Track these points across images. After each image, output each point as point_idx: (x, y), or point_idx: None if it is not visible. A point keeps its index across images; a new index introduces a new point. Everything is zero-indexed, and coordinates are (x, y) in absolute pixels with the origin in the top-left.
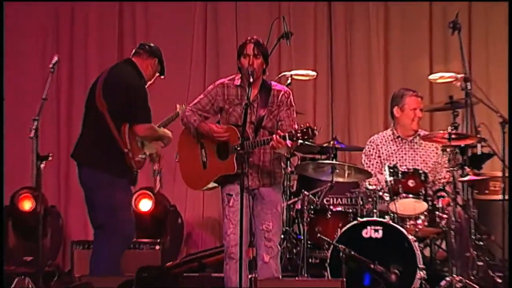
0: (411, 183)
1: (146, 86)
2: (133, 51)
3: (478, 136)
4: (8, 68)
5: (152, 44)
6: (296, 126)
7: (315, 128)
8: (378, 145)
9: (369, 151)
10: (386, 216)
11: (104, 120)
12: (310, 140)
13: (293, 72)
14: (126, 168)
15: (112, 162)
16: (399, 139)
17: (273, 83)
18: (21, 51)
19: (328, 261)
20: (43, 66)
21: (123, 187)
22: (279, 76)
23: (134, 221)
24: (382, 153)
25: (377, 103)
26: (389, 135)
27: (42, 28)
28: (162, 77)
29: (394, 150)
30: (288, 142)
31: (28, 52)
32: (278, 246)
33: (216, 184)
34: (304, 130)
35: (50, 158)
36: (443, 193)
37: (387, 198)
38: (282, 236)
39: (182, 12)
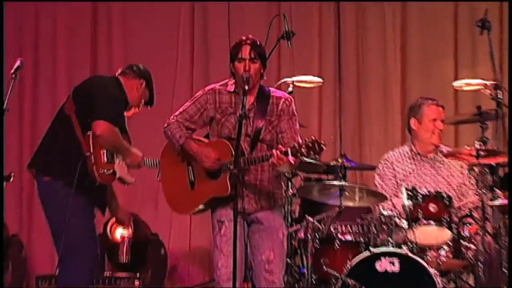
0: (432, 207)
1: (130, 113)
2: (119, 70)
3: None
4: None
5: (141, 66)
6: (300, 140)
7: (322, 142)
8: (393, 163)
9: (383, 170)
10: (404, 246)
11: (70, 122)
12: (316, 157)
13: (295, 78)
14: (86, 175)
15: (71, 166)
16: (418, 156)
17: (271, 89)
18: None
19: None
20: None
21: (84, 203)
22: (279, 82)
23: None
24: (399, 173)
25: (393, 114)
26: (407, 152)
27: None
28: (149, 107)
29: (412, 169)
30: (291, 159)
31: None
32: (282, 281)
33: (205, 207)
34: (310, 144)
35: (11, 179)
36: (470, 220)
37: (405, 225)
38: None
39: (164, 12)
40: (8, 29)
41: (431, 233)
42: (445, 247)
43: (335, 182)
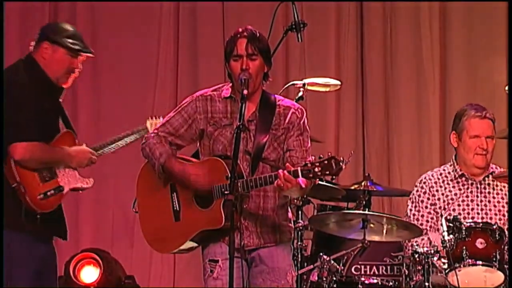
0: (480, 243)
1: (69, 82)
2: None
3: None
4: None
5: (49, 25)
6: (312, 158)
7: (341, 159)
8: (432, 187)
9: (419, 196)
10: None
11: None
12: (333, 179)
13: (306, 81)
14: (20, 210)
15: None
16: (463, 179)
17: (277, 96)
18: None
19: None
20: None
21: (27, 246)
22: (287, 86)
23: None
24: (439, 200)
25: (429, 126)
26: (449, 173)
27: None
28: (91, 55)
29: (455, 195)
30: (301, 181)
31: None
32: None
33: (194, 244)
34: (325, 162)
35: None
36: None
37: (445, 266)
38: None
39: (140, 12)
40: None
41: (478, 276)
42: None
43: (357, 211)
